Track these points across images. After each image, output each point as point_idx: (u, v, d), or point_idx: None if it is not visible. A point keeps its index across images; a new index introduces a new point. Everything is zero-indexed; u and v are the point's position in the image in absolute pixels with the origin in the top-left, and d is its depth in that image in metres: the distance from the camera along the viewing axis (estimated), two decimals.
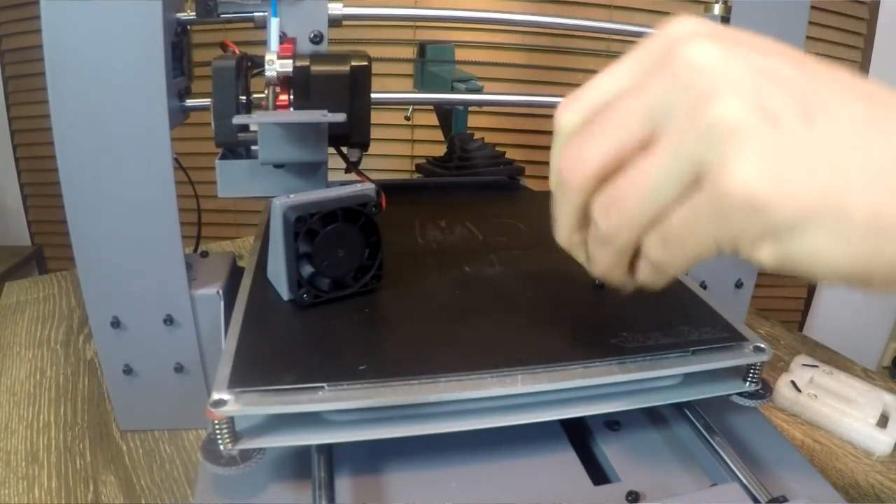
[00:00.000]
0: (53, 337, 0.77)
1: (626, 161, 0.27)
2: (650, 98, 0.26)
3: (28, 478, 0.54)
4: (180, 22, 0.52)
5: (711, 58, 0.25)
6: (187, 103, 0.55)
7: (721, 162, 0.24)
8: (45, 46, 0.45)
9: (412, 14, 0.64)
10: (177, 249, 0.52)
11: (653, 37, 0.29)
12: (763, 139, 0.23)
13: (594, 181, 0.28)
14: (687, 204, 0.26)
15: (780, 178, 0.23)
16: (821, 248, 0.24)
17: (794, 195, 0.23)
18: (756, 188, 0.23)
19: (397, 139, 1.72)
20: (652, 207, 0.27)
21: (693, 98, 0.25)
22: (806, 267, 0.25)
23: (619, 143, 0.27)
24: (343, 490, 0.36)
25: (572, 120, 0.30)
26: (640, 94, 0.27)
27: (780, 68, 0.25)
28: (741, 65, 0.25)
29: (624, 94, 0.28)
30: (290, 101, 0.50)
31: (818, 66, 0.26)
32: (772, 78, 0.25)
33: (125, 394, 0.57)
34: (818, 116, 0.24)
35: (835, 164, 0.23)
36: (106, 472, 0.55)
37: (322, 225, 0.43)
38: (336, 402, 0.34)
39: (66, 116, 0.47)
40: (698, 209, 0.26)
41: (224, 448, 0.35)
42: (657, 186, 0.26)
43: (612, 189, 0.28)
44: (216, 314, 0.54)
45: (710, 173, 0.24)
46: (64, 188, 0.49)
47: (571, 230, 0.32)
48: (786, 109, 0.24)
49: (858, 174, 0.23)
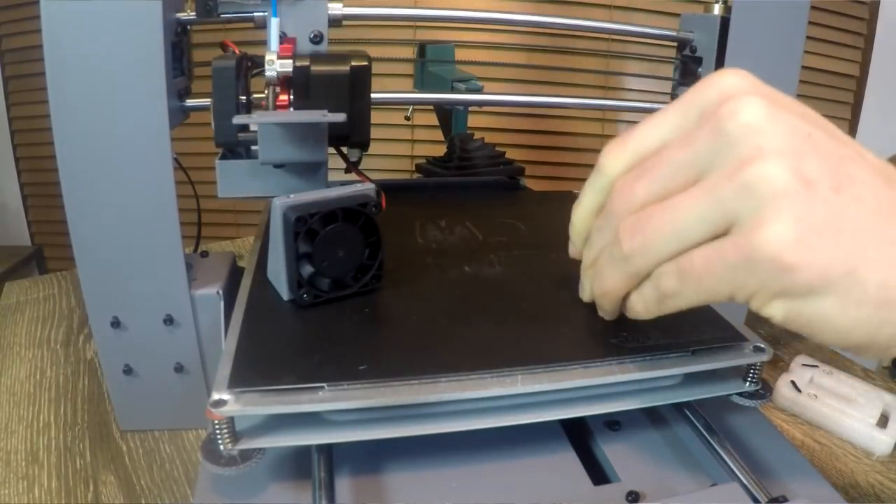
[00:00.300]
0: (53, 337, 0.77)
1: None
2: (698, 150, 0.28)
3: (28, 478, 0.54)
4: (180, 22, 0.52)
5: (759, 117, 0.26)
6: (187, 103, 0.55)
7: (757, 219, 0.25)
8: (45, 46, 0.45)
9: (412, 14, 0.64)
10: (177, 249, 0.52)
11: (699, 88, 0.30)
12: (799, 204, 0.24)
13: (635, 209, 0.30)
14: (713, 245, 0.27)
15: (809, 243, 0.24)
16: (831, 312, 0.25)
17: (819, 260, 0.24)
18: (787, 249, 0.24)
19: (397, 139, 1.72)
20: (678, 241, 0.28)
21: (738, 153, 0.26)
22: (812, 328, 0.26)
23: (666, 190, 0.29)
24: (343, 490, 0.36)
25: (617, 166, 0.32)
26: (689, 148, 0.28)
27: (817, 135, 0.26)
28: (785, 128, 0.26)
29: (672, 146, 0.29)
30: (290, 101, 0.50)
31: (847, 138, 0.27)
32: (811, 144, 0.26)
33: (125, 394, 0.57)
34: (846, 187, 0.25)
35: (856, 234, 0.25)
36: (106, 472, 0.55)
37: (322, 225, 0.43)
38: (336, 402, 0.34)
39: (66, 116, 0.47)
40: (724, 255, 0.26)
41: (224, 448, 0.35)
42: (688, 224, 0.27)
43: (645, 213, 0.29)
44: (216, 314, 0.54)
45: (744, 226, 0.25)
46: (64, 188, 0.49)
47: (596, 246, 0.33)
48: (820, 177, 0.25)
49: (874, 247, 0.24)
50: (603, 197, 0.33)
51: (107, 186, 0.49)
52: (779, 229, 0.24)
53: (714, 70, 0.60)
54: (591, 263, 0.35)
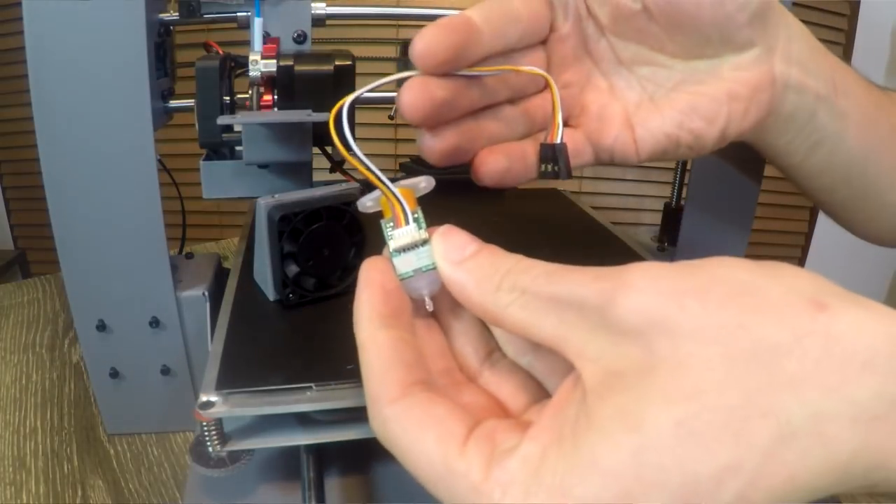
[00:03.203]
0: (38, 341, 0.76)
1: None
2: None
3: (16, 483, 0.54)
4: (163, 22, 0.52)
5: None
6: (171, 104, 0.54)
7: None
8: (28, 48, 0.45)
9: (395, 13, 0.64)
10: (162, 251, 0.51)
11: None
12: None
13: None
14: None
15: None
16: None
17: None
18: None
19: (381, 138, 1.72)
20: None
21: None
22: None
23: None
24: (333, 490, 0.37)
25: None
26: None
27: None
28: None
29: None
30: (275, 101, 0.50)
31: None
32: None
33: (112, 397, 0.57)
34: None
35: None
36: (94, 476, 0.55)
37: (306, 224, 0.43)
38: (324, 402, 0.34)
39: (49, 118, 0.47)
40: None
41: (213, 450, 0.35)
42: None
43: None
44: (202, 316, 0.54)
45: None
46: (48, 190, 0.48)
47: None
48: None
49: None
50: None
51: (91, 189, 0.49)
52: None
53: None
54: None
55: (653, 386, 0.19)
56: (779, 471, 0.18)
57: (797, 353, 0.18)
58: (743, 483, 0.18)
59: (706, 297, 0.20)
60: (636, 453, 0.18)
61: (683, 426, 0.18)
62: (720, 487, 0.18)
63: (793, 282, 0.20)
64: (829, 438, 0.18)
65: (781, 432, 0.18)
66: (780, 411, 0.18)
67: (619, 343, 0.20)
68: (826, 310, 0.19)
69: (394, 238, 0.27)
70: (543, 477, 0.19)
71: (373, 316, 0.25)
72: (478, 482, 0.20)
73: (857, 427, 0.18)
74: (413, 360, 0.24)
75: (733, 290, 0.20)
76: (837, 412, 0.18)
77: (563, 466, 0.19)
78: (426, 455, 0.21)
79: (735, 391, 0.18)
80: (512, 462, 0.20)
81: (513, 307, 0.23)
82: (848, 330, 0.18)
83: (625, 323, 0.20)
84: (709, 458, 0.18)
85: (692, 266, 0.21)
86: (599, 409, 0.20)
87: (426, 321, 0.28)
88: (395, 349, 0.24)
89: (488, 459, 0.20)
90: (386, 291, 0.25)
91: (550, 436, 0.20)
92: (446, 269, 0.26)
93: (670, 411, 0.18)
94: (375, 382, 0.23)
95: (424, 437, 0.22)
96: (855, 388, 0.18)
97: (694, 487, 0.18)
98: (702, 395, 0.18)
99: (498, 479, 0.20)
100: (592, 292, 0.21)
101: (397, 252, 0.26)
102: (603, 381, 0.20)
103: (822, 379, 0.18)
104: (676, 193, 0.71)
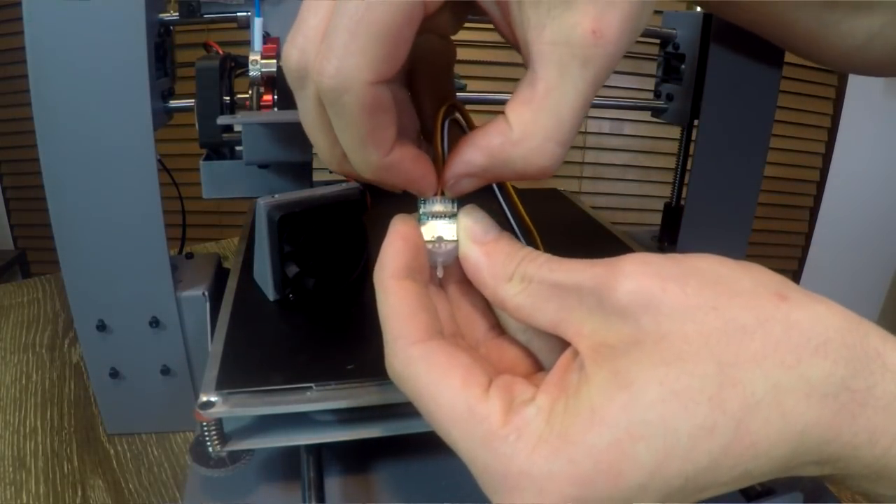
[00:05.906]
0: (39, 341, 0.76)
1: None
2: None
3: (16, 483, 0.54)
4: (163, 22, 0.52)
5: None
6: (171, 104, 0.54)
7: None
8: (28, 48, 0.45)
9: None
10: (162, 251, 0.51)
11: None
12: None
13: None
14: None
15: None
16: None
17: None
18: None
19: None
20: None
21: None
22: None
23: None
24: (333, 490, 0.37)
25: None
26: None
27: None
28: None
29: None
30: (275, 101, 0.50)
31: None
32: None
33: (112, 397, 0.57)
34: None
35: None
36: (94, 476, 0.55)
37: (306, 224, 0.43)
38: (324, 402, 0.34)
39: (49, 118, 0.47)
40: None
41: (213, 450, 0.35)
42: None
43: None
44: (202, 316, 0.54)
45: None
46: (48, 191, 0.48)
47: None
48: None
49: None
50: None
51: (91, 189, 0.49)
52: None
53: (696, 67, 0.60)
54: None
55: (641, 354, 0.22)
56: (744, 438, 0.21)
57: (760, 334, 0.21)
58: (717, 447, 0.21)
59: (686, 283, 0.22)
60: (626, 407, 0.21)
61: (665, 385, 0.21)
62: (696, 448, 0.21)
63: (762, 277, 0.23)
64: (786, 409, 0.21)
65: (748, 402, 0.21)
66: (747, 382, 0.21)
67: (612, 321, 0.23)
68: (787, 300, 0.22)
69: (426, 203, 0.28)
70: (553, 425, 0.22)
71: (400, 265, 0.26)
72: (496, 426, 0.22)
73: (810, 401, 0.21)
74: (434, 314, 0.26)
75: (710, 279, 0.23)
76: (793, 386, 0.21)
77: (568, 416, 0.22)
78: (448, 397, 0.23)
79: (709, 362, 0.21)
80: (529, 410, 0.22)
81: (520, 296, 0.25)
82: (805, 318, 0.21)
83: (617, 304, 0.23)
84: (687, 417, 0.21)
85: (677, 258, 0.24)
86: (596, 373, 0.22)
87: (436, 288, 0.29)
88: (420, 298, 0.25)
89: (507, 407, 0.23)
90: (416, 246, 0.27)
91: (558, 392, 0.23)
92: (468, 247, 0.27)
93: (654, 372, 0.21)
94: (400, 322, 0.25)
95: (449, 379, 0.23)
96: (808, 367, 0.21)
97: (673, 443, 0.21)
98: (681, 363, 0.21)
99: (516, 425, 0.22)
100: (590, 278, 0.24)
101: (426, 216, 0.27)
102: (598, 351, 0.23)
103: (781, 357, 0.21)
104: (676, 193, 0.71)
